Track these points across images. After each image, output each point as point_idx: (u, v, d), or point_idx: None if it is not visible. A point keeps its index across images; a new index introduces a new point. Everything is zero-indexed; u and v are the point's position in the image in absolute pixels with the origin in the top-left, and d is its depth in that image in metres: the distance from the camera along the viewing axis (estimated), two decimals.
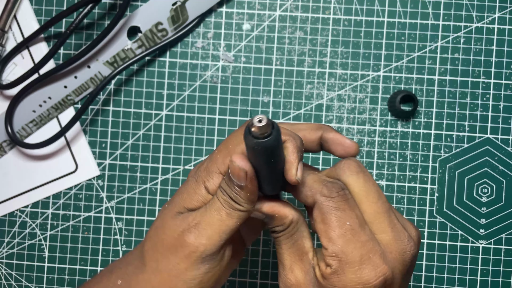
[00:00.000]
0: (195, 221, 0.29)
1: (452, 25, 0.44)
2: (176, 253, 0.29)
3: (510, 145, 0.44)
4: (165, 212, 0.30)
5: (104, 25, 0.45)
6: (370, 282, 0.27)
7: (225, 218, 0.29)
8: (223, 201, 0.29)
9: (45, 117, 0.45)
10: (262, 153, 0.26)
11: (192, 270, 0.29)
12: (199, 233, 0.28)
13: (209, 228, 0.29)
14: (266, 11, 0.44)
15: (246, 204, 0.29)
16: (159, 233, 0.30)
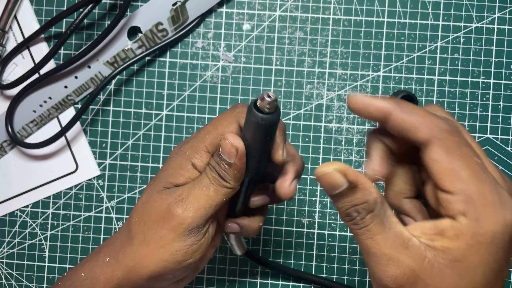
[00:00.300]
0: (183, 195, 0.30)
1: (451, 25, 0.44)
2: (163, 224, 0.30)
3: (510, 145, 0.44)
4: (151, 187, 0.31)
5: (104, 25, 0.45)
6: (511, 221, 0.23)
7: (212, 194, 0.29)
8: (211, 178, 0.30)
9: (46, 117, 0.46)
10: (263, 128, 0.27)
11: (179, 241, 0.30)
12: (186, 206, 0.29)
13: (196, 202, 0.29)
14: (266, 11, 0.44)
15: (232, 181, 0.29)
16: (146, 207, 0.31)
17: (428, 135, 0.24)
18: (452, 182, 0.23)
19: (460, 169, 0.23)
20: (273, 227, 0.45)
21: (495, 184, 0.24)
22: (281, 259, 0.44)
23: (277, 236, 0.44)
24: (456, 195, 0.23)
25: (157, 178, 0.32)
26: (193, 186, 0.30)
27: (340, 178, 0.24)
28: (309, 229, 0.44)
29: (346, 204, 0.25)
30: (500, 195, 0.23)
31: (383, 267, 0.24)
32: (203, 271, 0.45)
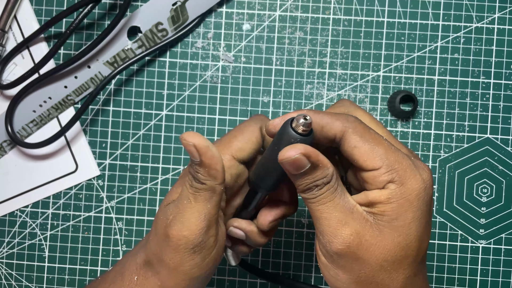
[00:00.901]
0: (173, 214, 0.29)
1: (452, 25, 0.44)
2: (167, 247, 0.29)
3: (509, 145, 0.44)
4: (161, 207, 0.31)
5: (104, 25, 0.45)
6: (427, 179, 0.27)
7: (194, 203, 0.29)
8: (188, 186, 0.29)
9: (45, 117, 0.45)
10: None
11: (188, 261, 0.29)
12: (178, 226, 0.29)
13: (184, 218, 0.28)
14: (266, 11, 0.44)
15: (208, 180, 0.28)
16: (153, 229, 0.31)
17: (342, 127, 0.27)
18: (374, 160, 0.27)
19: (377, 148, 0.27)
20: None
21: (406, 154, 0.27)
22: (281, 259, 0.44)
23: (277, 236, 0.44)
24: (381, 169, 0.27)
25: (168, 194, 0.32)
26: (178, 201, 0.29)
27: (304, 160, 0.26)
28: (309, 229, 0.44)
29: (308, 181, 0.27)
30: (412, 160, 0.27)
31: (332, 229, 0.27)
32: None
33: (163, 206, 0.31)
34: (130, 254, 0.33)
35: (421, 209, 0.27)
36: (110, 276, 0.33)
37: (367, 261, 0.27)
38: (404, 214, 0.26)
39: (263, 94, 0.44)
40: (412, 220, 0.27)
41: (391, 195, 0.26)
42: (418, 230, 0.27)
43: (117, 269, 0.33)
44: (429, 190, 0.27)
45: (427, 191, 0.27)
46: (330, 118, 0.28)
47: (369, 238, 0.27)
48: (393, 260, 0.27)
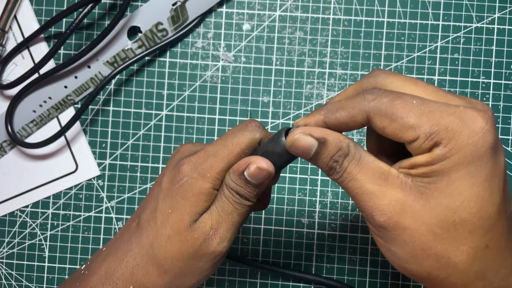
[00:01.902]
0: (213, 229, 0.30)
1: (451, 25, 0.44)
2: (201, 259, 0.30)
3: (510, 145, 0.44)
4: (175, 220, 0.30)
5: (104, 25, 0.45)
6: (483, 126, 0.23)
7: (237, 218, 0.30)
8: (234, 203, 0.29)
9: (46, 117, 0.45)
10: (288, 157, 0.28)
11: (215, 266, 0.31)
12: (220, 240, 0.30)
13: (227, 232, 0.30)
14: (266, 11, 0.44)
15: (254, 199, 0.30)
16: (175, 244, 0.30)
17: (363, 116, 0.25)
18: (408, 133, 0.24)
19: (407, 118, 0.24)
20: (273, 227, 0.45)
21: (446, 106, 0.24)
22: (281, 259, 0.44)
23: (277, 236, 0.44)
24: (419, 139, 0.24)
25: (180, 208, 0.30)
26: (219, 216, 0.30)
27: (308, 139, 0.25)
28: (309, 229, 0.44)
29: (325, 160, 0.26)
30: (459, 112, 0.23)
31: (368, 203, 0.25)
32: None
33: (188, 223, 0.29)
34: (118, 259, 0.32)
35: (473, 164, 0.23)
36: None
37: (417, 230, 0.24)
38: (447, 174, 0.23)
39: (263, 94, 0.44)
40: (459, 178, 0.23)
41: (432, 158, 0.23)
42: (472, 189, 0.23)
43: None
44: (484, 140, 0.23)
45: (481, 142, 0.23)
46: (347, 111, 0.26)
47: (411, 203, 0.24)
48: (447, 227, 0.23)
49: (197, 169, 0.30)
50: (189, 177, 0.30)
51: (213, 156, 0.30)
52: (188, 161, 0.30)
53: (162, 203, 0.30)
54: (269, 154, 0.29)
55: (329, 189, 0.44)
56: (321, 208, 0.44)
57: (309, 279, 0.43)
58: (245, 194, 0.29)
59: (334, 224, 0.44)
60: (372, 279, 0.44)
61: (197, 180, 0.29)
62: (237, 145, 0.29)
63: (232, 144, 0.29)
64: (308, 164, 0.44)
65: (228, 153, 0.29)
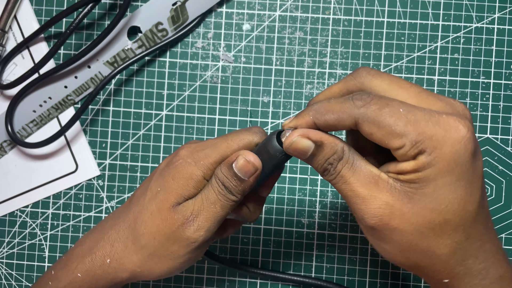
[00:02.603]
0: (193, 215, 0.30)
1: (451, 25, 0.44)
2: (175, 242, 0.31)
3: (510, 145, 0.44)
4: (161, 199, 0.31)
5: (104, 25, 0.45)
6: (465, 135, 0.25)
7: (219, 210, 0.30)
8: (218, 193, 0.30)
9: (46, 117, 0.46)
10: (279, 159, 0.29)
11: (189, 254, 0.31)
12: (198, 227, 0.30)
13: (206, 221, 0.30)
14: (266, 11, 0.44)
15: (240, 195, 0.30)
16: (156, 222, 0.31)
17: (352, 121, 0.26)
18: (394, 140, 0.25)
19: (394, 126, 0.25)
20: (273, 227, 0.45)
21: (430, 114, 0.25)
22: (281, 259, 0.44)
23: (277, 236, 0.45)
24: (405, 146, 0.25)
25: (167, 187, 0.31)
26: (202, 205, 0.30)
27: (306, 142, 0.27)
28: (309, 229, 0.44)
29: (320, 161, 0.27)
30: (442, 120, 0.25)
31: (360, 205, 0.26)
32: (202, 271, 0.45)
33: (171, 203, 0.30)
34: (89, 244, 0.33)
35: (456, 171, 0.25)
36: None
37: (405, 230, 0.26)
38: (433, 181, 0.25)
39: (263, 94, 0.44)
40: (444, 184, 0.25)
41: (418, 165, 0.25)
42: (456, 192, 0.25)
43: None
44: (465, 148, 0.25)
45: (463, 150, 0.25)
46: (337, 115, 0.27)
47: (400, 206, 0.26)
48: (431, 227, 0.25)
49: (193, 154, 0.31)
50: (183, 160, 0.31)
51: (211, 146, 0.31)
52: (187, 146, 0.32)
53: (154, 181, 0.32)
54: (261, 152, 0.30)
55: (329, 189, 0.44)
56: (321, 208, 0.44)
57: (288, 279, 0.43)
58: (230, 186, 0.30)
59: (334, 224, 0.44)
60: (372, 279, 0.44)
61: (190, 165, 0.31)
62: (236, 142, 0.31)
63: (231, 140, 0.31)
64: (308, 165, 0.44)
65: (225, 146, 0.31)
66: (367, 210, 0.26)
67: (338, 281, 0.44)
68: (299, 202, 0.44)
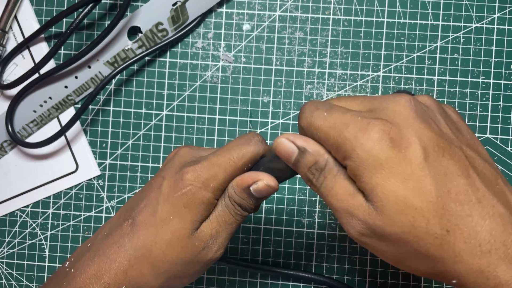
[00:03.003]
0: (212, 238, 0.31)
1: (451, 25, 0.44)
2: (198, 265, 0.31)
3: (509, 145, 0.44)
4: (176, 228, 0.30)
5: (104, 25, 0.45)
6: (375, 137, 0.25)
7: (234, 227, 0.32)
8: (234, 214, 0.31)
9: (46, 117, 0.46)
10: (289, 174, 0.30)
11: (206, 269, 0.33)
12: (218, 248, 0.31)
13: (224, 241, 0.32)
14: (266, 11, 0.44)
15: (254, 210, 0.32)
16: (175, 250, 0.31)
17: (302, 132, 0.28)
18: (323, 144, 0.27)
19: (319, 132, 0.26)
20: (273, 227, 0.45)
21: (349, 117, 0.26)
22: (281, 259, 0.44)
23: (277, 236, 0.45)
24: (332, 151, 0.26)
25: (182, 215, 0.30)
26: (219, 226, 0.31)
27: (290, 145, 0.28)
28: (309, 229, 0.44)
29: (303, 168, 0.28)
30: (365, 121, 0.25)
31: (341, 219, 0.27)
32: None
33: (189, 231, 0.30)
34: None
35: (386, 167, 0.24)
36: None
37: (387, 241, 0.25)
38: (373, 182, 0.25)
39: (263, 94, 0.44)
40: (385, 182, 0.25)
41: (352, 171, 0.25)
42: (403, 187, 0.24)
43: None
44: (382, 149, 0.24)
45: (380, 144, 0.24)
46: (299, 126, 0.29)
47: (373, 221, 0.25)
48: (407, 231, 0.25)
49: (200, 179, 0.30)
50: (193, 186, 0.30)
51: (217, 167, 0.31)
52: (192, 170, 0.31)
53: (163, 207, 0.31)
54: (273, 170, 0.30)
55: None
56: (321, 208, 0.44)
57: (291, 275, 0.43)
58: (246, 206, 0.31)
59: (334, 224, 0.44)
60: (372, 279, 0.44)
61: (201, 190, 0.30)
62: (241, 159, 0.31)
63: (237, 158, 0.31)
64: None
65: (232, 166, 0.31)
66: (348, 223, 0.26)
67: (338, 280, 0.44)
68: (299, 202, 0.45)
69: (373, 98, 0.27)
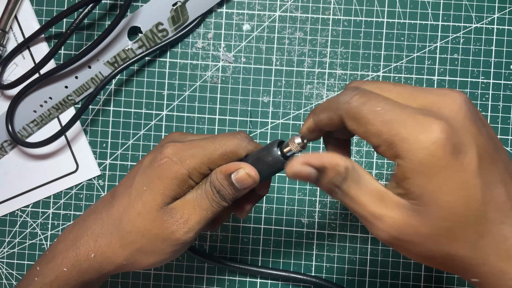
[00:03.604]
0: (183, 218, 0.31)
1: (451, 25, 0.44)
2: (164, 242, 0.31)
3: (509, 145, 0.44)
4: (148, 199, 0.31)
5: (104, 25, 0.45)
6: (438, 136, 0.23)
7: (210, 214, 0.31)
8: (212, 200, 0.31)
9: (46, 117, 0.46)
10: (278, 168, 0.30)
11: (176, 251, 0.32)
12: (188, 230, 0.31)
13: (196, 225, 0.31)
14: (266, 11, 0.44)
15: (231, 202, 0.32)
16: (144, 222, 0.31)
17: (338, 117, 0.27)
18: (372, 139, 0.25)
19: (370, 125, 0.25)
20: (273, 227, 0.45)
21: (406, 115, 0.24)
22: (281, 259, 0.44)
23: (277, 236, 0.45)
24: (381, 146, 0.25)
25: (153, 186, 0.31)
26: (193, 209, 0.31)
27: (307, 169, 0.27)
28: (309, 229, 0.45)
29: (325, 184, 0.27)
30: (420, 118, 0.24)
31: (370, 223, 0.26)
32: (203, 271, 0.45)
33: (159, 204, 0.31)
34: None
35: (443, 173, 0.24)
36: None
37: (419, 242, 0.25)
38: (424, 187, 0.24)
39: (263, 94, 0.45)
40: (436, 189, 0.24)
41: (402, 171, 0.24)
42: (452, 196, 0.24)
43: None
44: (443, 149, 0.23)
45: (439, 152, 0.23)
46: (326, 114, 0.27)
47: (408, 221, 0.25)
48: (443, 233, 0.25)
49: (179, 153, 0.31)
50: (169, 159, 0.31)
51: (198, 147, 0.31)
52: (173, 145, 0.32)
53: (139, 179, 0.32)
54: (260, 162, 0.30)
55: None
56: (321, 208, 0.44)
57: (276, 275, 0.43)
58: (225, 194, 0.31)
59: (334, 224, 0.44)
60: (372, 279, 0.44)
61: (176, 164, 0.31)
62: (223, 146, 0.31)
63: (219, 144, 0.31)
64: None
65: (213, 149, 0.31)
66: (378, 228, 0.26)
67: (338, 281, 0.44)
68: (299, 202, 0.45)
69: (425, 91, 0.26)
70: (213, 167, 0.32)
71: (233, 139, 0.31)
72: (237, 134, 0.32)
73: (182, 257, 0.45)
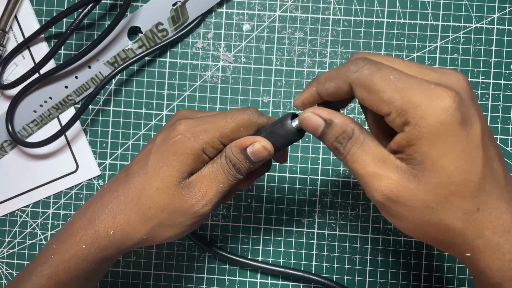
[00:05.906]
0: (201, 192, 0.32)
1: (451, 25, 0.44)
2: (184, 215, 0.32)
3: (509, 145, 0.44)
4: (165, 175, 0.32)
5: (104, 25, 0.45)
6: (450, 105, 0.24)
7: (226, 187, 0.32)
8: (228, 174, 0.32)
9: (46, 117, 0.46)
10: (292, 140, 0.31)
11: (194, 223, 0.33)
12: (205, 203, 0.32)
13: (213, 198, 0.32)
14: (266, 11, 0.44)
15: (246, 174, 0.33)
16: (162, 197, 0.32)
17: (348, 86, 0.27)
18: (382, 106, 0.26)
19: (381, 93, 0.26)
20: (273, 227, 0.45)
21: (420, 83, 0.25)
22: (281, 259, 0.44)
23: (277, 236, 0.45)
24: (391, 114, 0.26)
25: (170, 163, 0.32)
26: (210, 183, 0.32)
27: (316, 118, 0.28)
28: (309, 229, 0.45)
29: (330, 139, 0.28)
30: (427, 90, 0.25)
31: (369, 183, 0.27)
32: (203, 271, 0.45)
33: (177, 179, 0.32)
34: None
35: (448, 141, 0.25)
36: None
37: (414, 206, 0.26)
38: (428, 153, 0.25)
39: (263, 94, 0.45)
40: (440, 156, 0.25)
41: (409, 138, 0.25)
42: (455, 163, 0.25)
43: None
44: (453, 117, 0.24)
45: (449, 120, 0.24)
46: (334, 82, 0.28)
47: (406, 184, 0.26)
48: (440, 200, 0.26)
49: (191, 129, 0.32)
50: (182, 135, 0.32)
51: (209, 123, 0.32)
52: (185, 122, 0.32)
53: (154, 156, 0.32)
54: (274, 135, 0.31)
55: (329, 189, 0.44)
56: (321, 208, 0.44)
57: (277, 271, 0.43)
58: (240, 168, 0.32)
59: (334, 224, 0.44)
60: (372, 278, 0.44)
61: (190, 140, 0.32)
62: (234, 120, 0.32)
63: (230, 118, 0.32)
64: (308, 164, 0.44)
65: (224, 124, 0.32)
66: (376, 187, 0.27)
67: (338, 281, 0.44)
68: (299, 202, 0.45)
69: (431, 68, 0.27)
70: (225, 141, 0.32)
71: (244, 113, 0.32)
72: (247, 109, 0.33)
73: (182, 257, 0.45)
